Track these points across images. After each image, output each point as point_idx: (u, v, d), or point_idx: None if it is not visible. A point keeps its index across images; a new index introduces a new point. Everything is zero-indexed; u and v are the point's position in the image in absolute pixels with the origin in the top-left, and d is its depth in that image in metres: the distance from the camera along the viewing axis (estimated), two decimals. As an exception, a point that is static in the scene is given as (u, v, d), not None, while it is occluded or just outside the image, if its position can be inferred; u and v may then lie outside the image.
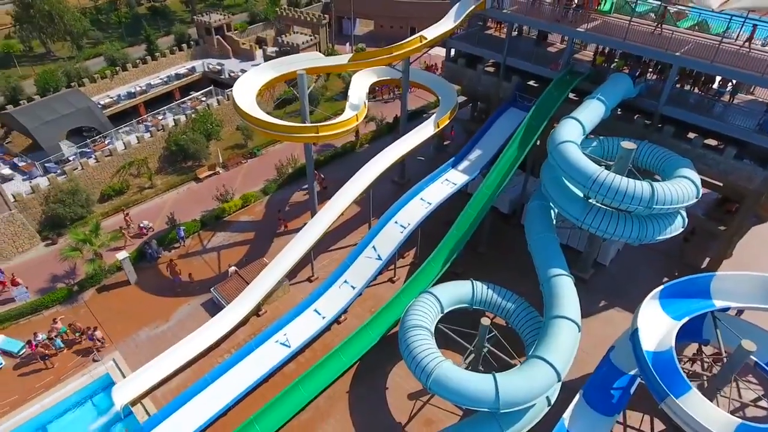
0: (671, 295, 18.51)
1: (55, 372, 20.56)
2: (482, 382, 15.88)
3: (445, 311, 19.46)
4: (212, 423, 18.51)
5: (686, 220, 20.38)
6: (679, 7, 27.12)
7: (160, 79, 40.42)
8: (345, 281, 22.81)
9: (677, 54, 21.91)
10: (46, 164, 29.35)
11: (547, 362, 16.19)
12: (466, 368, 18.74)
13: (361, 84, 27.39)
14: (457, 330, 19.14)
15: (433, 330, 18.35)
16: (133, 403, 19.15)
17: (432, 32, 25.18)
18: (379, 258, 23.02)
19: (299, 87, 22.29)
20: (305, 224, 23.55)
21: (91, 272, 23.74)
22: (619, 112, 25.34)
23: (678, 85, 24.36)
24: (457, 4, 26.55)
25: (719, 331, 18.05)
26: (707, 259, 25.61)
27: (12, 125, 32.16)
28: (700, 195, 19.47)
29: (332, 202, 23.38)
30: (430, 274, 22.18)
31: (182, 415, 18.48)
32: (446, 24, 25.82)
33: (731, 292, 18.41)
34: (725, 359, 17.48)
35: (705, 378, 18.60)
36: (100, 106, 35.18)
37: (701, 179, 23.10)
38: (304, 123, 23.02)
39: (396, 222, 23.91)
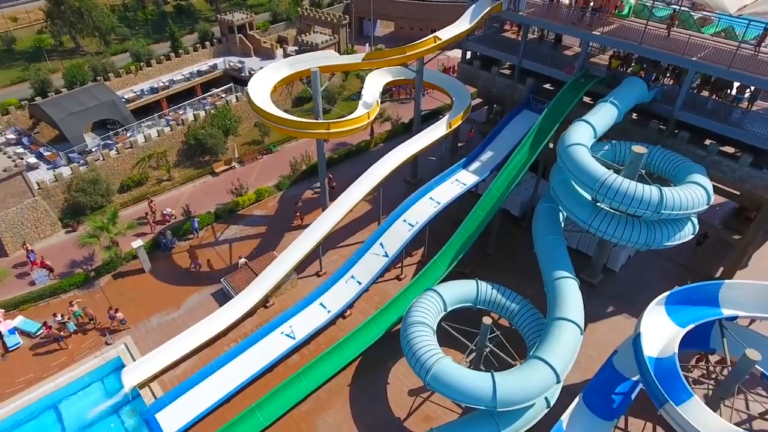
0: (678, 301, 18.29)
1: (69, 353, 21.33)
2: (480, 380, 15.95)
3: (449, 309, 19.57)
4: (216, 408, 19.00)
5: (697, 226, 20.10)
6: (705, 13, 26.75)
7: (183, 75, 41.40)
8: (352, 277, 23.11)
9: (693, 59, 21.63)
10: (69, 154, 30.40)
11: (547, 363, 16.20)
12: (468, 367, 18.79)
13: (375, 83, 27.70)
14: (461, 329, 19.20)
15: (435, 327, 18.47)
16: (141, 386, 19.78)
17: (447, 33, 25.30)
18: (386, 255, 23.25)
19: (312, 84, 22.74)
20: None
21: (108, 259, 24.55)
22: (634, 117, 25.17)
23: (695, 91, 24.02)
24: (473, 5, 26.65)
25: (726, 340, 17.76)
26: (721, 269, 25.13)
27: (40, 116, 33.38)
28: (711, 201, 19.17)
29: (341, 199, 23.70)
30: (437, 272, 22.33)
31: (187, 399, 19.04)
32: (461, 25, 25.91)
33: (740, 301, 18.10)
34: (729, 368, 17.18)
35: (709, 387, 18.30)
36: (123, 100, 36.24)
37: (719, 188, 22.95)
38: (317, 120, 23.42)
39: (404, 220, 24.11)
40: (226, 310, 22.19)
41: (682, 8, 25.38)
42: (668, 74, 24.84)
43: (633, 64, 25.37)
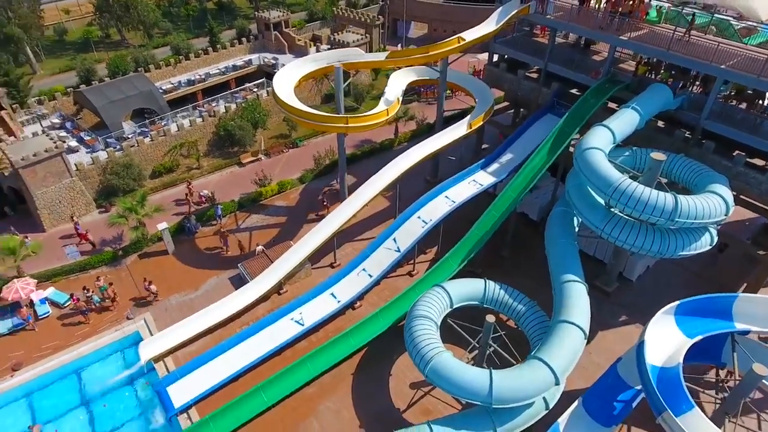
0: (689, 312, 17.89)
1: (93, 325, 22.60)
2: (478, 376, 16.14)
3: (455, 306, 19.73)
4: (224, 386, 19.79)
5: (715, 237, 19.59)
6: (749, 23, 25.96)
7: (218, 69, 42.83)
8: (363, 269, 23.59)
9: (722, 67, 21.10)
10: (107, 139, 32.06)
11: (546, 364, 16.22)
12: (470, 364, 18.88)
13: (398, 82, 28.10)
14: (468, 327, 19.27)
15: (439, 322, 18.70)
16: (157, 360, 20.77)
17: (471, 34, 25.50)
18: (398, 250, 23.62)
19: (335, 80, 23.35)
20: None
21: (135, 239, 25.84)
22: (661, 125, 24.67)
23: (725, 100, 23.40)
24: (501, 7, 26.74)
25: (736, 354, 17.29)
26: (744, 285, 24.32)
27: (83, 103, 35.30)
28: (731, 213, 18.68)
29: (356, 194, 24.19)
30: (447, 270, 22.56)
31: (198, 375, 19.92)
32: (487, 27, 26.05)
33: (755, 316, 17.58)
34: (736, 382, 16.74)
35: (717, 402, 17.84)
36: (161, 90, 37.84)
37: (750, 203, 22.28)
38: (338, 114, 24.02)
39: (418, 217, 24.43)
40: (241, 293, 23.04)
41: (723, 17, 24.73)
42: (697, 82, 24.25)
43: (662, 71, 24.91)
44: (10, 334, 22.16)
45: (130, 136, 33.06)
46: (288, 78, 24.12)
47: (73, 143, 31.91)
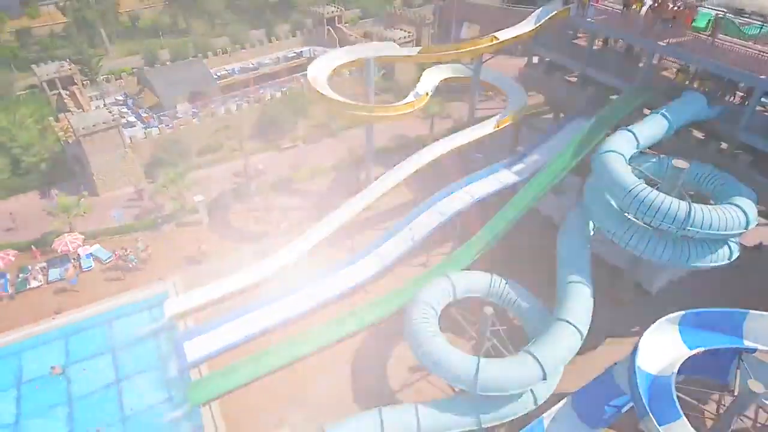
0: (696, 324, 17.37)
1: (128, 282, 24.82)
2: (465, 362, 16.54)
3: (458, 297, 20.10)
4: (234, 348, 21.21)
5: (735, 252, 18.86)
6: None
7: (270, 59, 45.08)
8: (378, 254, 24.43)
9: (762, 77, 20.19)
10: (161, 117, 34.69)
11: (535, 358, 16.40)
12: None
13: (431, 78, 28.66)
14: (471, 320, 19.59)
15: (439, 310, 19.17)
16: (178, 317, 22.54)
17: (505, 34, 25.69)
18: (413, 239, 24.23)
19: (366, 72, 24.31)
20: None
21: (175, 208, 27.98)
22: (701, 136, 23.81)
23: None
24: (539, 9, 26.72)
25: (739, 372, 16.67)
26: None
27: (144, 83, 38.34)
28: (752, 227, 17.95)
29: (377, 183, 25.05)
30: (459, 263, 22.89)
31: (212, 335, 21.53)
32: (522, 27, 26.15)
33: (766, 334, 16.85)
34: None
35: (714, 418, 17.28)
36: (216, 76, 40.38)
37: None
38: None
39: (437, 209, 24.92)
40: (261, 266, 24.44)
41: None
42: (738, 92, 23.22)
43: (705, 79, 23.96)
44: (57, 282, 24.72)
45: (181, 116, 35.56)
46: (323, 67, 25.33)
47: (132, 119, 34.82)
